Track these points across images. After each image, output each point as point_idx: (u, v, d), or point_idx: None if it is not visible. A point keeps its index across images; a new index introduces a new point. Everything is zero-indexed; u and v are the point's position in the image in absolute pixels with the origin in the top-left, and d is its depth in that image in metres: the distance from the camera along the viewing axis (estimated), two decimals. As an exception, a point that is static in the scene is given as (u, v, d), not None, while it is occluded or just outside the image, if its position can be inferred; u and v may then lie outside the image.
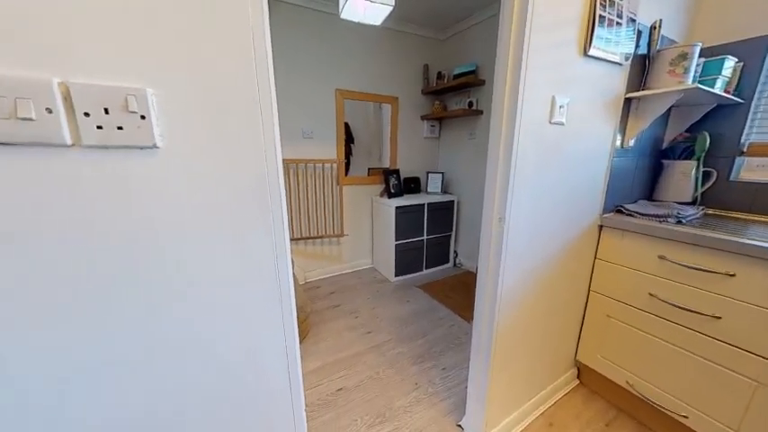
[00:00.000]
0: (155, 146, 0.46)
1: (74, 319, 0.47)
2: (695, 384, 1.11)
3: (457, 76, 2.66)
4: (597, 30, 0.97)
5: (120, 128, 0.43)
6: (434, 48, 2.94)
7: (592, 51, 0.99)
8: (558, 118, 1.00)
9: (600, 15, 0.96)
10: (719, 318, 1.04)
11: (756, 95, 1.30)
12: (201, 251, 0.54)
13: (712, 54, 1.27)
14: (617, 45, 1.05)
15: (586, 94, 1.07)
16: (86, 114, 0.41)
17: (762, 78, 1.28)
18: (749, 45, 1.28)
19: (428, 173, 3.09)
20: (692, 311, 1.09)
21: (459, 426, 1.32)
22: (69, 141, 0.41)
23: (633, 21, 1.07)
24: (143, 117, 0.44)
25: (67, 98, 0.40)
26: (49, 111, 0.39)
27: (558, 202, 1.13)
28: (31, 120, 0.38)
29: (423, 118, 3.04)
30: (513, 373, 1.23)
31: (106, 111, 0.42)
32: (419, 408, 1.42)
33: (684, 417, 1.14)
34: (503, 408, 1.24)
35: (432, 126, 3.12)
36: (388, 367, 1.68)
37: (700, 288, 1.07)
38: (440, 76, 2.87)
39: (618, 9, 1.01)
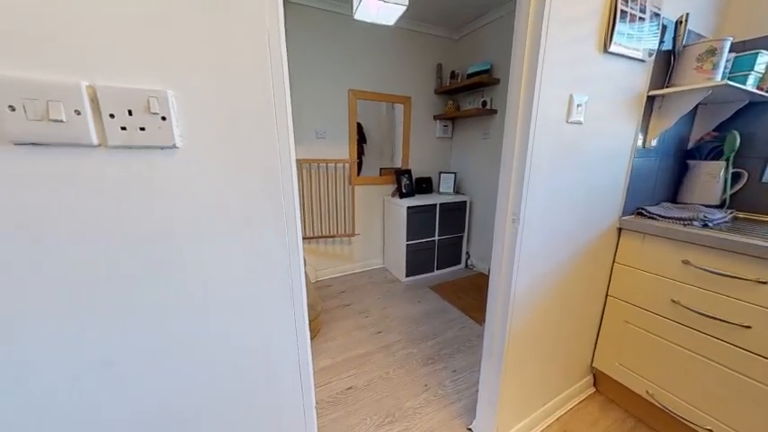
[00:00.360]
0: (174, 146, 0.48)
1: (95, 319, 0.49)
2: (721, 396, 1.06)
3: (470, 75, 2.62)
4: (618, 25, 0.93)
5: (142, 128, 0.45)
6: (448, 47, 2.91)
7: (612, 48, 0.96)
8: (576, 117, 0.97)
9: (621, 10, 0.92)
10: (749, 327, 0.98)
11: (793, 92, 1.22)
12: (217, 251, 0.56)
13: (744, 49, 1.20)
14: (639, 41, 1.01)
15: (606, 93, 1.04)
16: (111, 116, 0.43)
17: (799, 73, 1.20)
18: (785, 39, 1.21)
19: (440, 173, 3.07)
20: (718, 319, 1.04)
21: (470, 429, 1.30)
22: (96, 142, 0.43)
23: (657, 15, 1.02)
24: (164, 118, 0.46)
25: (94, 100, 0.42)
26: (78, 113, 0.41)
27: (576, 203, 1.10)
28: (61, 121, 0.40)
29: (435, 118, 3.02)
30: (526, 377, 1.20)
31: (130, 112, 0.44)
32: (429, 409, 1.41)
33: (709, 430, 1.09)
34: (515, 413, 1.22)
35: (444, 126, 3.09)
36: (398, 368, 1.68)
37: (727, 295, 1.02)
38: (453, 75, 2.84)
39: (641, 4, 0.97)
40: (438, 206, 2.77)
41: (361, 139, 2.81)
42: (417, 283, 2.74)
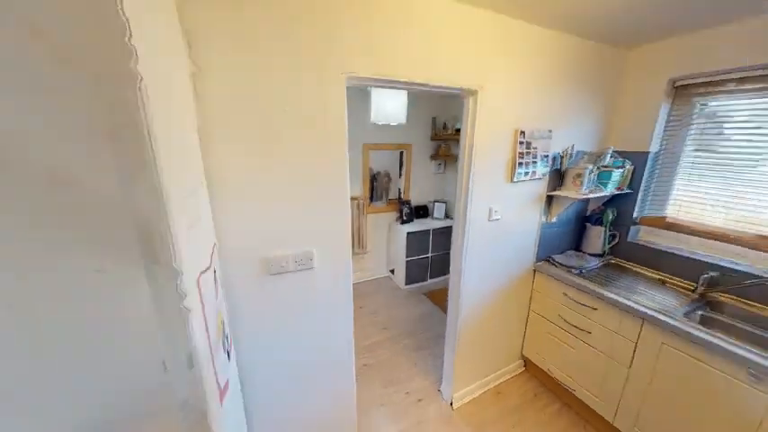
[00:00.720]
0: (312, 267, 1.29)
1: (291, 330, 1.32)
2: (579, 370, 1.87)
3: (458, 130, 3.37)
4: (517, 169, 1.70)
5: (302, 264, 1.26)
6: (441, 103, 3.65)
7: (515, 180, 1.73)
8: (495, 217, 1.75)
9: (519, 162, 1.69)
10: (590, 333, 1.78)
11: (642, 188, 1.98)
12: (327, 310, 1.38)
13: (623, 156, 1.95)
14: (535, 172, 1.78)
15: (515, 200, 1.81)
16: (295, 261, 1.25)
17: (644, 177, 1.96)
18: (638, 156, 1.96)
19: (435, 201, 3.85)
20: (577, 327, 1.83)
21: (439, 391, 2.14)
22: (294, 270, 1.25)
23: (546, 156, 1.79)
24: (311, 259, 1.27)
25: (312, 258, 1.24)
26: (297, 262, 1.23)
27: (502, 258, 1.89)
28: (286, 266, 1.22)
29: (431, 158, 3.78)
30: (473, 361, 2.02)
31: (297, 261, 1.25)
32: (416, 379, 2.25)
33: (573, 390, 1.90)
34: (465, 381, 2.05)
35: (438, 164, 3.86)
36: (398, 352, 2.51)
37: (581, 314, 1.82)
38: (444, 126, 3.59)
39: (533, 154, 1.73)
40: (431, 231, 3.56)
41: (373, 178, 3.60)
42: (414, 290, 3.56)
